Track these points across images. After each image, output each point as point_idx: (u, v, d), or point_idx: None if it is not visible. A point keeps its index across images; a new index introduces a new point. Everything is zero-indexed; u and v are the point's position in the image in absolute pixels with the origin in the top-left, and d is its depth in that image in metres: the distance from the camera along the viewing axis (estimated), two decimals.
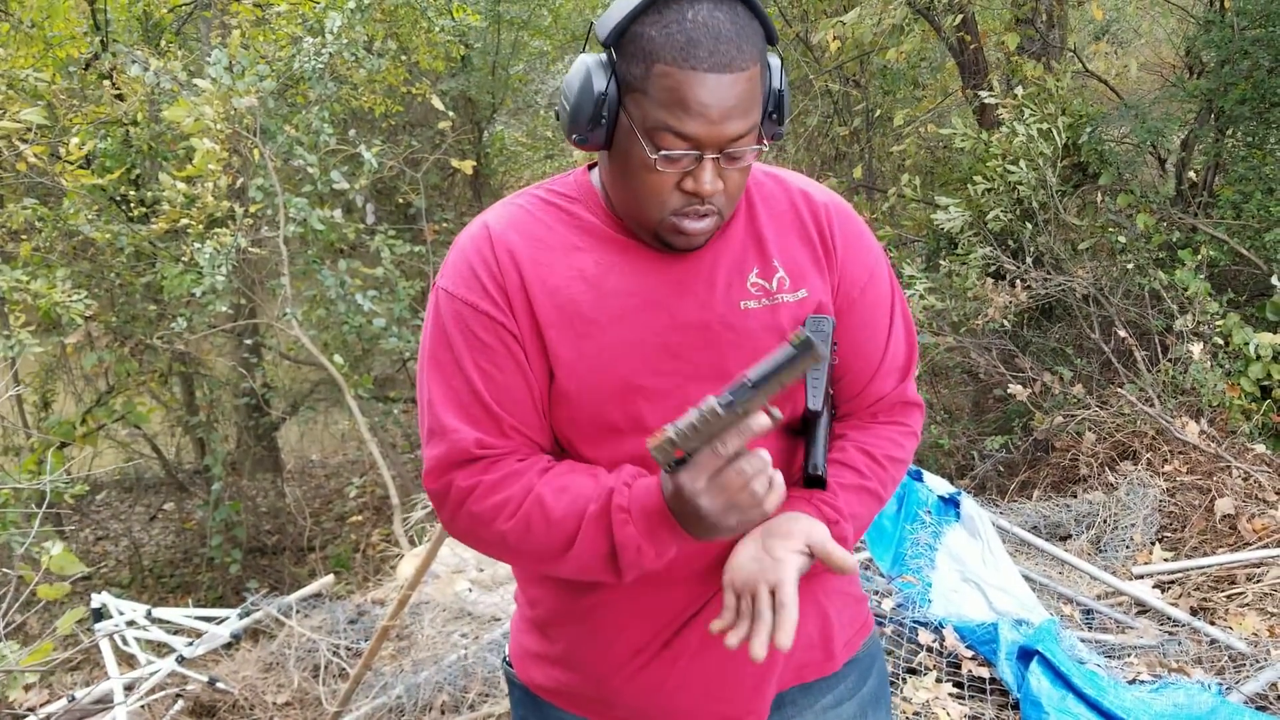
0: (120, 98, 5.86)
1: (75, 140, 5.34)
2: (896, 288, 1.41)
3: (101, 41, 6.39)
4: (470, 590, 4.01)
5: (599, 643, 1.35)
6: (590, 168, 1.35)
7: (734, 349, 1.27)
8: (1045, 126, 5.11)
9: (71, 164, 5.43)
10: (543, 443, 1.31)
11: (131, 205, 6.18)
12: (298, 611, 3.98)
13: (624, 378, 1.25)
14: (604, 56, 1.19)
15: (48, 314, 5.03)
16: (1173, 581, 3.60)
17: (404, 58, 6.65)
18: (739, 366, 1.23)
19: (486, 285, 1.26)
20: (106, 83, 5.98)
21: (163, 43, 6.41)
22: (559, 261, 1.27)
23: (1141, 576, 3.59)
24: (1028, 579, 3.47)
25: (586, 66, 1.19)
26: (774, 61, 1.24)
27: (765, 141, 1.27)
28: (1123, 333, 4.80)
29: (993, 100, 5.35)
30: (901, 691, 2.91)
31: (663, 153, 1.16)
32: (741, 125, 1.16)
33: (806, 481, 1.30)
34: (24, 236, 5.60)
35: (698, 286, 1.27)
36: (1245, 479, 3.97)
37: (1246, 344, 4.49)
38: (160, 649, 3.79)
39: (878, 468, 1.36)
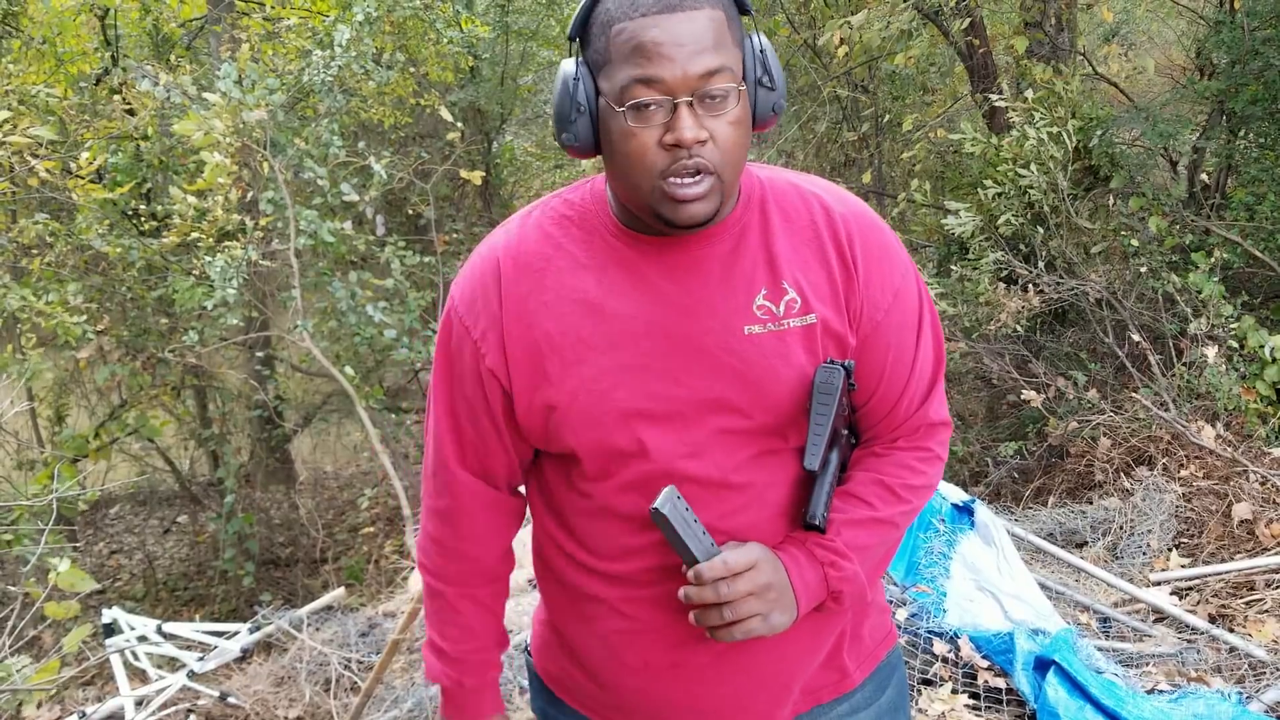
0: (131, 112, 5.89)
1: (86, 155, 5.36)
2: (925, 298, 1.34)
3: (112, 57, 6.42)
4: None
5: (607, 650, 1.35)
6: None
7: (736, 376, 1.23)
8: (1055, 130, 5.09)
9: (83, 179, 5.45)
10: (499, 471, 1.37)
11: (142, 219, 6.20)
12: (309, 625, 3.97)
13: (624, 403, 1.23)
14: (577, 56, 1.21)
15: (57, 331, 5.05)
16: (1190, 588, 3.57)
17: (413, 69, 6.66)
18: (742, 393, 1.22)
19: (480, 314, 1.28)
20: (117, 98, 6.01)
21: (173, 57, 6.42)
22: (563, 284, 1.26)
23: (1159, 583, 3.55)
24: (1044, 587, 3.44)
25: (562, 68, 1.20)
26: (762, 40, 1.20)
27: (769, 123, 1.23)
28: (1136, 336, 4.77)
29: (1003, 104, 5.33)
30: (917, 703, 2.89)
31: (631, 103, 1.12)
32: (706, 61, 1.11)
33: (805, 527, 1.26)
34: (35, 251, 5.63)
35: (699, 309, 1.23)
36: (1263, 483, 3.93)
37: (1262, 347, 4.46)
38: (172, 664, 3.79)
39: (892, 498, 1.31)
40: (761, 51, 1.19)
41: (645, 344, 1.23)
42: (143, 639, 3.75)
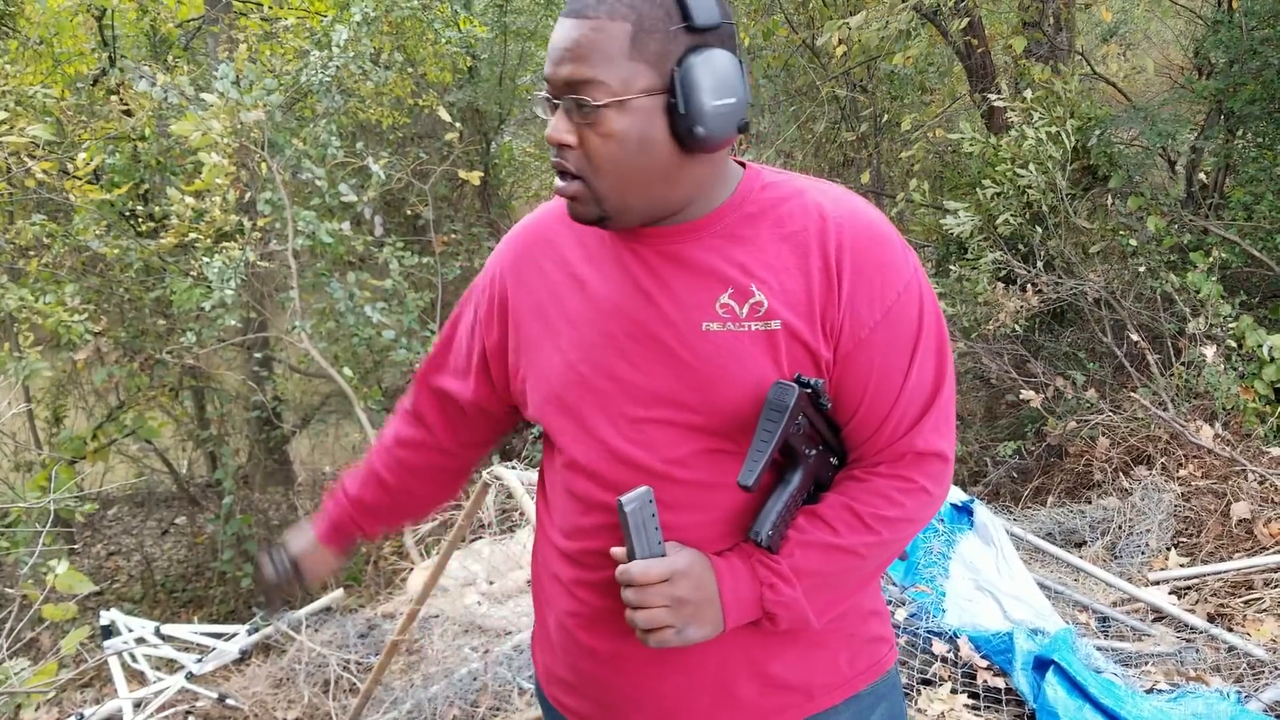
0: (128, 113, 5.88)
1: (84, 156, 5.35)
2: (927, 322, 1.25)
3: (109, 57, 6.41)
4: (480, 603, 3.99)
5: (564, 633, 1.38)
6: None
7: (689, 370, 1.22)
8: (1054, 129, 5.08)
9: (80, 179, 5.45)
10: (457, 393, 1.47)
11: (140, 220, 6.19)
12: (307, 626, 3.97)
13: (582, 376, 1.27)
14: None
15: (56, 331, 5.04)
16: (1189, 587, 3.57)
17: (411, 70, 6.66)
18: (691, 388, 1.23)
19: (496, 268, 1.40)
20: (114, 98, 6.00)
21: (170, 58, 6.41)
22: (563, 258, 1.33)
23: (1157, 583, 3.55)
24: (1043, 587, 3.44)
25: None
26: (695, 62, 1.14)
27: (706, 147, 1.17)
28: (1135, 336, 4.77)
29: (1001, 103, 5.33)
30: (916, 703, 2.88)
31: (537, 93, 1.19)
32: (575, 70, 1.13)
33: (754, 542, 1.24)
34: (32, 252, 5.62)
35: (663, 299, 1.24)
36: (1261, 482, 3.94)
37: (1260, 346, 4.46)
38: (170, 665, 3.78)
39: (859, 527, 1.25)
40: (681, 71, 1.15)
41: (610, 325, 1.26)
42: (141, 641, 3.74)
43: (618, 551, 1.22)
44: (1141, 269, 4.98)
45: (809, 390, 1.19)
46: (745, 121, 1.19)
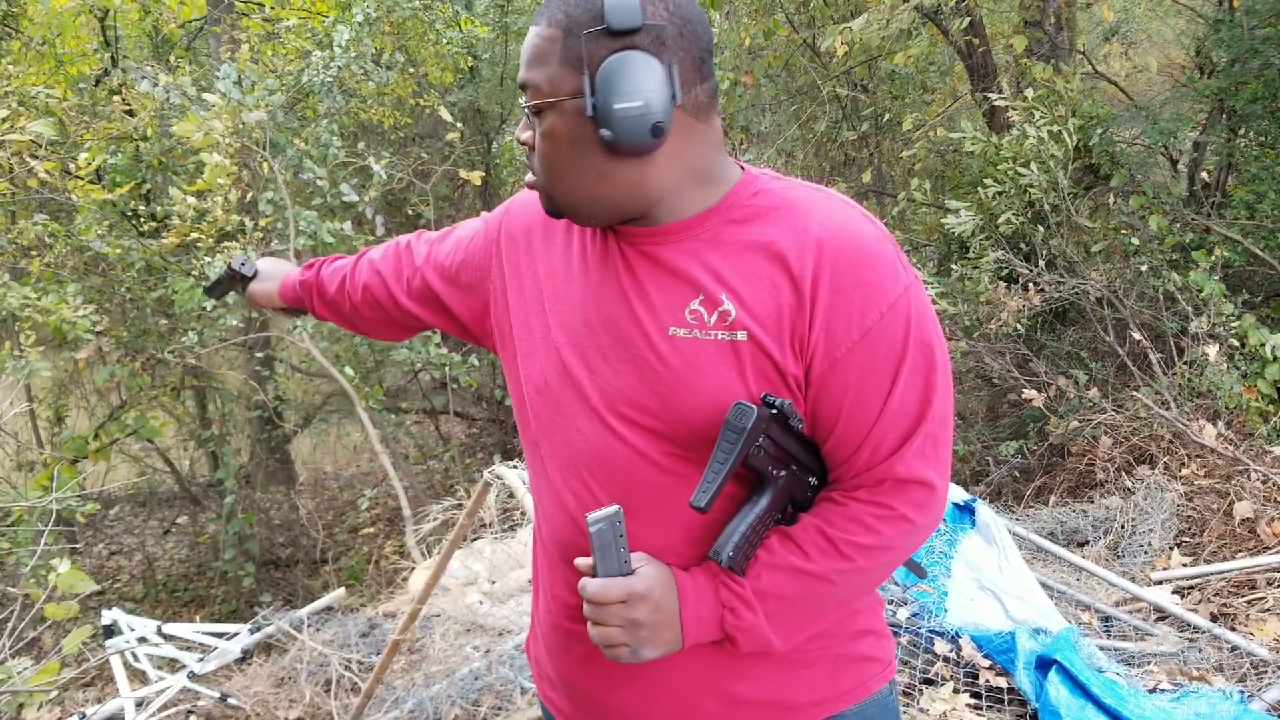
0: (130, 113, 5.88)
1: (85, 156, 5.35)
2: (915, 345, 1.18)
3: (112, 58, 6.41)
4: (482, 603, 3.99)
5: (549, 636, 1.41)
6: None
7: (652, 374, 1.22)
8: (1056, 129, 5.08)
9: (82, 179, 5.45)
10: (429, 278, 1.53)
11: (142, 220, 6.19)
12: (309, 626, 3.97)
13: (564, 362, 1.29)
14: None
15: (58, 330, 5.04)
16: (1192, 587, 3.57)
17: (412, 70, 6.66)
18: (653, 391, 1.22)
19: (516, 215, 1.44)
20: (117, 98, 6.00)
21: (172, 58, 6.41)
22: (569, 240, 1.35)
23: (1160, 582, 3.55)
24: (1045, 586, 3.44)
25: None
26: (612, 61, 1.14)
27: (636, 149, 1.16)
28: (1137, 335, 4.76)
29: (1002, 103, 5.32)
30: (918, 703, 2.88)
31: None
32: (525, 74, 1.22)
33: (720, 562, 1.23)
34: (35, 252, 5.62)
35: (637, 299, 1.24)
36: (1264, 482, 3.93)
37: (1262, 345, 4.46)
38: (172, 665, 3.79)
39: (832, 552, 1.21)
40: (597, 76, 1.15)
41: (591, 315, 1.28)
42: (143, 640, 3.75)
43: (583, 562, 1.22)
44: (1144, 268, 4.98)
45: (774, 411, 1.16)
46: (659, 125, 1.14)
